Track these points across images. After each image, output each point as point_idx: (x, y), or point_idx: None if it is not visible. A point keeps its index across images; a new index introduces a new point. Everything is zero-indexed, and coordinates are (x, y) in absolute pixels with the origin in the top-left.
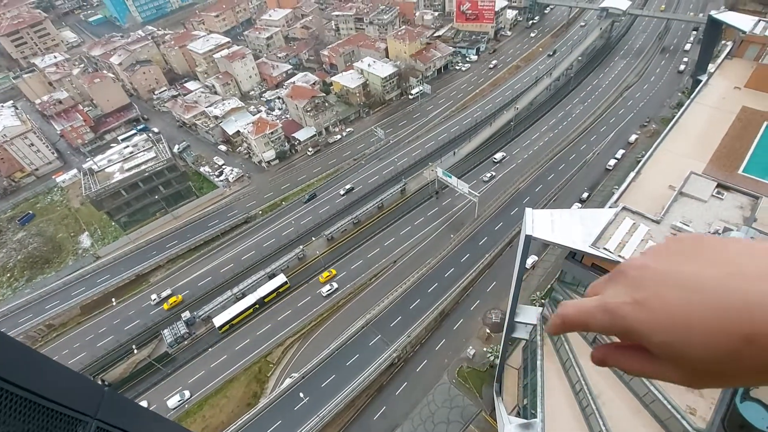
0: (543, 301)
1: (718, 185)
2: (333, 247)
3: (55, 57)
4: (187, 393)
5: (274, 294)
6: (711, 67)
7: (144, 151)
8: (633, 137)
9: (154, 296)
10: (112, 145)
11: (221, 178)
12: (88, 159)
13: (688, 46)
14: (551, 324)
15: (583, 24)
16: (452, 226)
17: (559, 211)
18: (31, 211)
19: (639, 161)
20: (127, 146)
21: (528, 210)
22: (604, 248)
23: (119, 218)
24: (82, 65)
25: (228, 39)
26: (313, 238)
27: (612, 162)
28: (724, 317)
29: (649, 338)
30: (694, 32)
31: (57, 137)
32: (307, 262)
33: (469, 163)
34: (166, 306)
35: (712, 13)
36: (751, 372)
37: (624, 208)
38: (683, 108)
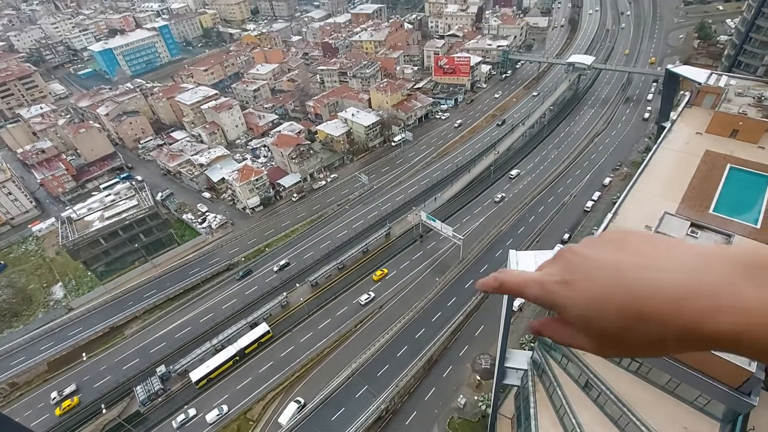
0: (532, 344)
1: (692, 224)
2: (317, 293)
3: (42, 108)
4: None
5: (256, 344)
6: (673, 115)
7: (126, 199)
8: (607, 180)
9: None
10: (93, 193)
11: (204, 225)
12: (67, 208)
13: (650, 96)
14: (486, 282)
15: (553, 75)
16: (438, 268)
17: (542, 252)
18: (2, 262)
19: (615, 202)
20: (109, 194)
21: (512, 252)
22: None
23: (96, 268)
24: (69, 116)
25: (216, 91)
26: (297, 285)
27: (589, 204)
28: (624, 298)
29: (568, 311)
30: (654, 84)
31: (36, 186)
32: (291, 309)
33: (452, 207)
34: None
35: (669, 66)
36: (641, 344)
37: None
38: (651, 152)
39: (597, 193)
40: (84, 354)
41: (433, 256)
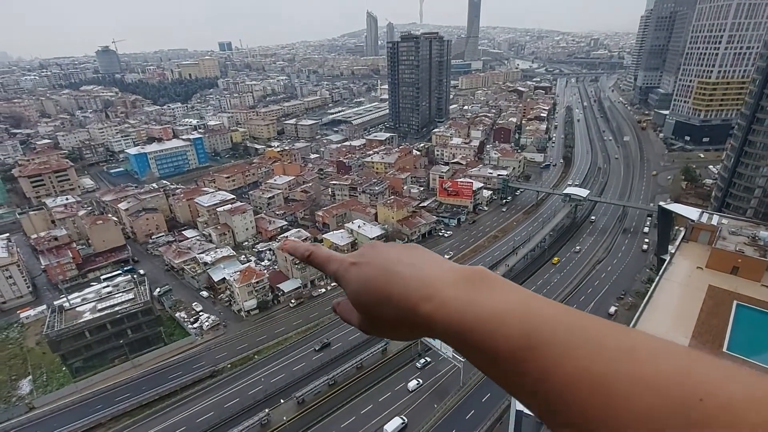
0: None
1: None
2: (303, 411)
3: (67, 199)
4: None
5: None
6: (671, 248)
7: (123, 292)
8: (612, 309)
9: None
10: (92, 283)
11: (195, 324)
12: (62, 296)
13: (646, 229)
14: (297, 247)
15: (550, 204)
16: (436, 393)
17: None
18: None
19: (628, 324)
20: (107, 286)
21: None
22: None
23: (72, 363)
24: (90, 208)
25: (233, 196)
26: (282, 400)
27: (612, 309)
28: (384, 281)
29: (347, 287)
30: (649, 218)
31: (39, 272)
32: (272, 429)
33: None
34: None
35: (662, 203)
36: (388, 322)
37: None
38: (654, 284)
39: (613, 308)
40: None
41: (432, 378)
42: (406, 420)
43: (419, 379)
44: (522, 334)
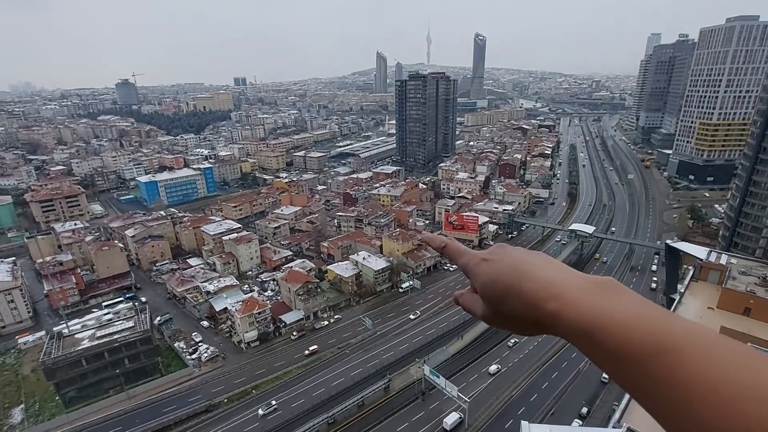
0: None
1: None
2: None
3: (75, 224)
4: None
5: None
6: (681, 288)
7: (123, 319)
8: None
9: None
10: (93, 310)
11: (194, 356)
12: (62, 322)
13: (654, 267)
14: (433, 237)
15: (558, 239)
16: None
17: (559, 428)
18: None
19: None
20: (108, 313)
21: (524, 424)
22: None
23: (66, 392)
24: (97, 233)
25: (240, 225)
26: None
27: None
28: (515, 277)
29: (476, 279)
30: (657, 256)
31: (41, 297)
32: None
33: (460, 362)
34: None
35: (669, 241)
36: (514, 314)
37: (629, 429)
38: None
39: None
40: None
41: (437, 419)
42: (463, 415)
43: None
44: (653, 339)
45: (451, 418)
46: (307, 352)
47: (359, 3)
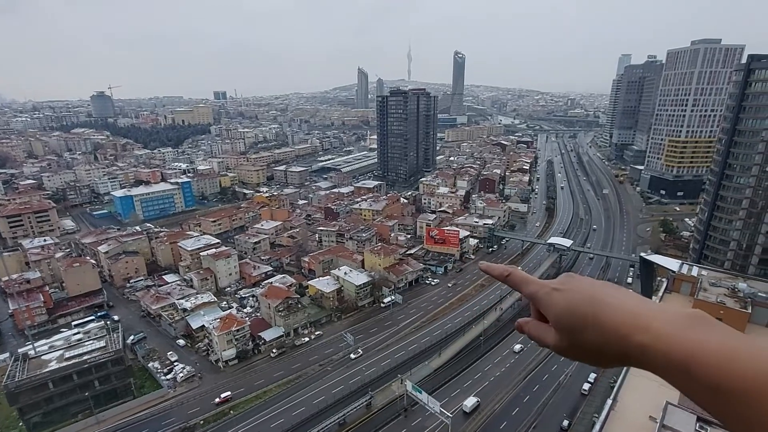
0: None
1: (698, 419)
2: None
3: (44, 240)
4: None
5: None
6: (655, 298)
7: (94, 339)
8: None
9: None
10: (62, 330)
11: (169, 376)
12: (27, 343)
13: (629, 279)
14: (495, 267)
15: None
16: None
17: None
18: None
19: (612, 386)
20: (78, 333)
21: None
22: None
23: (30, 417)
24: (68, 250)
25: (218, 240)
26: None
27: (586, 386)
28: (592, 307)
29: (550, 309)
30: (632, 268)
31: (5, 316)
32: None
33: (442, 377)
34: None
35: (642, 254)
36: (591, 345)
37: None
38: None
39: (593, 375)
40: None
41: None
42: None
43: None
44: (757, 375)
45: (470, 401)
46: (218, 400)
47: (342, 19)
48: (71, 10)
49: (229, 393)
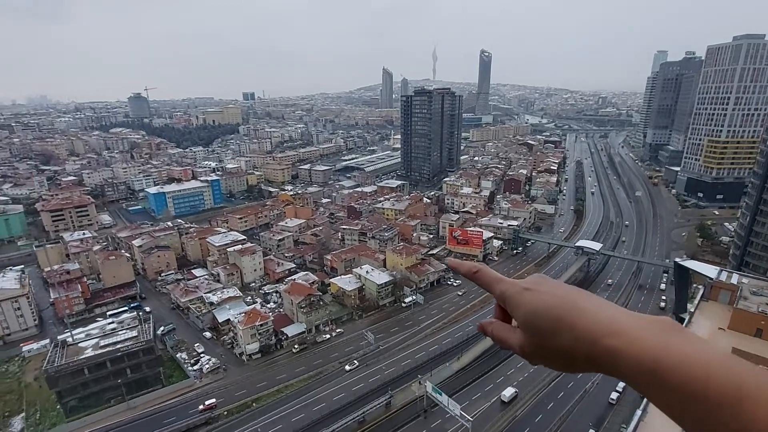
0: None
1: None
2: None
3: (84, 234)
4: None
5: None
6: (690, 307)
7: (127, 329)
8: None
9: None
10: (98, 319)
11: (195, 367)
12: (66, 330)
13: (663, 286)
14: (463, 263)
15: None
16: None
17: None
18: None
19: (642, 397)
20: (112, 322)
21: None
22: None
23: (67, 401)
24: (105, 243)
25: (244, 237)
26: None
27: (614, 395)
28: (567, 310)
29: (519, 308)
30: (665, 274)
31: (47, 305)
32: None
33: (464, 379)
34: None
35: (678, 260)
36: (561, 350)
37: None
38: None
39: (621, 384)
40: None
41: None
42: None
43: None
44: (733, 386)
45: (508, 392)
46: (201, 407)
47: (367, 20)
48: (110, 16)
49: (213, 400)
